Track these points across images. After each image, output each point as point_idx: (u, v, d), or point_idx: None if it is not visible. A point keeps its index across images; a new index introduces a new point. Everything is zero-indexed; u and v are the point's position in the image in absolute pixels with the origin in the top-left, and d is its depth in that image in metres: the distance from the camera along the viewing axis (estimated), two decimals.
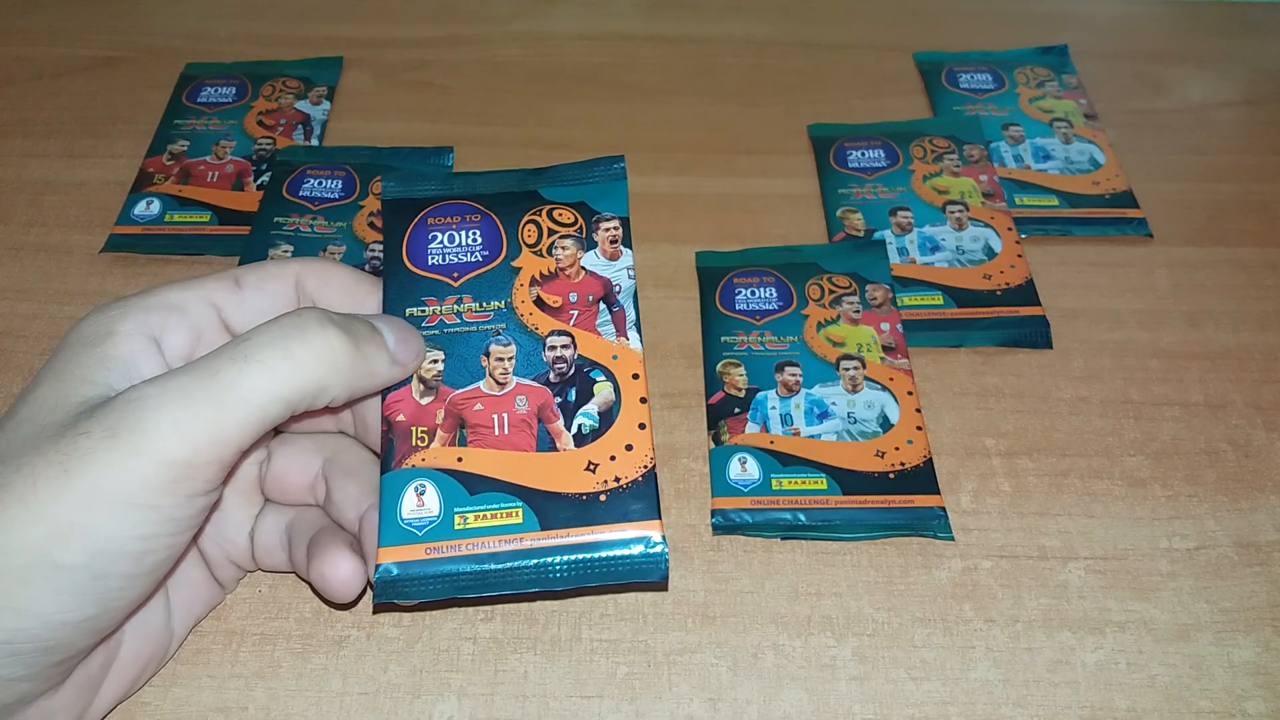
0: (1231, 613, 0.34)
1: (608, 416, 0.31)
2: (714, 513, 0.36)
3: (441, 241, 0.34)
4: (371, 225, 0.44)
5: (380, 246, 0.43)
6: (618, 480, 0.30)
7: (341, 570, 0.29)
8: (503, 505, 0.30)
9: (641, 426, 0.31)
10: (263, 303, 0.30)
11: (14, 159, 0.49)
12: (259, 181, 0.47)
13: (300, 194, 0.45)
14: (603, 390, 0.31)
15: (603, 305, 0.33)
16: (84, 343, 0.27)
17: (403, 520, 0.29)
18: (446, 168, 0.47)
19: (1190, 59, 0.56)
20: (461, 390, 0.31)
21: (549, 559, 0.29)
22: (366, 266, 0.42)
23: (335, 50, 0.55)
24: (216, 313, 0.30)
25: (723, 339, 0.40)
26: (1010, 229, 0.45)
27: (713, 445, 0.37)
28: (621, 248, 0.34)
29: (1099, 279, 0.45)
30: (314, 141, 0.49)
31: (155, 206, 0.46)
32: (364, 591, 0.32)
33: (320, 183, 0.46)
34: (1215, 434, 0.39)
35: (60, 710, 0.27)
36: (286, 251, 0.43)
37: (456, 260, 0.33)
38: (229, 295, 0.30)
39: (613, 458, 0.30)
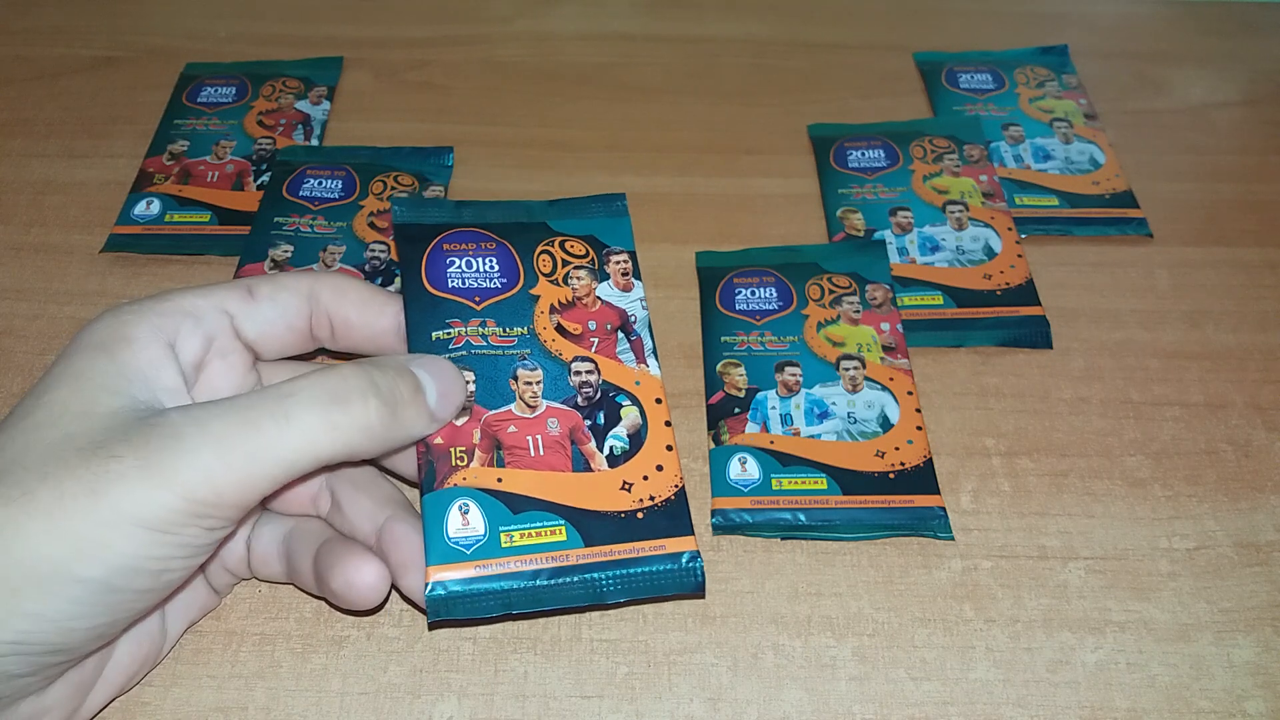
0: (1231, 613, 0.34)
1: (637, 439, 0.32)
2: (714, 513, 0.36)
3: (459, 266, 0.34)
4: (371, 225, 0.44)
5: (381, 246, 0.43)
6: (652, 499, 0.31)
7: (368, 576, 0.29)
8: (546, 524, 0.30)
9: (669, 448, 0.32)
10: (274, 314, 0.30)
11: (14, 159, 0.49)
12: (259, 181, 0.47)
13: (300, 194, 0.45)
14: (630, 414, 0.33)
15: (621, 334, 0.34)
16: (100, 348, 0.27)
17: (449, 539, 0.30)
18: (447, 168, 0.47)
19: (1190, 59, 0.56)
20: (494, 411, 0.32)
21: (596, 574, 0.30)
22: (366, 267, 0.42)
23: (335, 50, 0.55)
24: (229, 320, 0.30)
25: (723, 339, 0.40)
26: (1010, 229, 0.45)
27: (713, 445, 0.37)
28: (633, 280, 0.35)
29: (1099, 279, 0.45)
30: (314, 141, 0.49)
31: (155, 206, 0.46)
32: (386, 598, 0.32)
33: (320, 183, 0.46)
34: (1215, 434, 0.39)
35: (51, 709, 0.27)
36: (286, 252, 0.43)
37: (476, 285, 0.34)
38: (242, 304, 0.30)
39: (645, 478, 0.32)
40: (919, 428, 0.37)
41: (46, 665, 0.25)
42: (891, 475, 0.36)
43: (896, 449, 0.37)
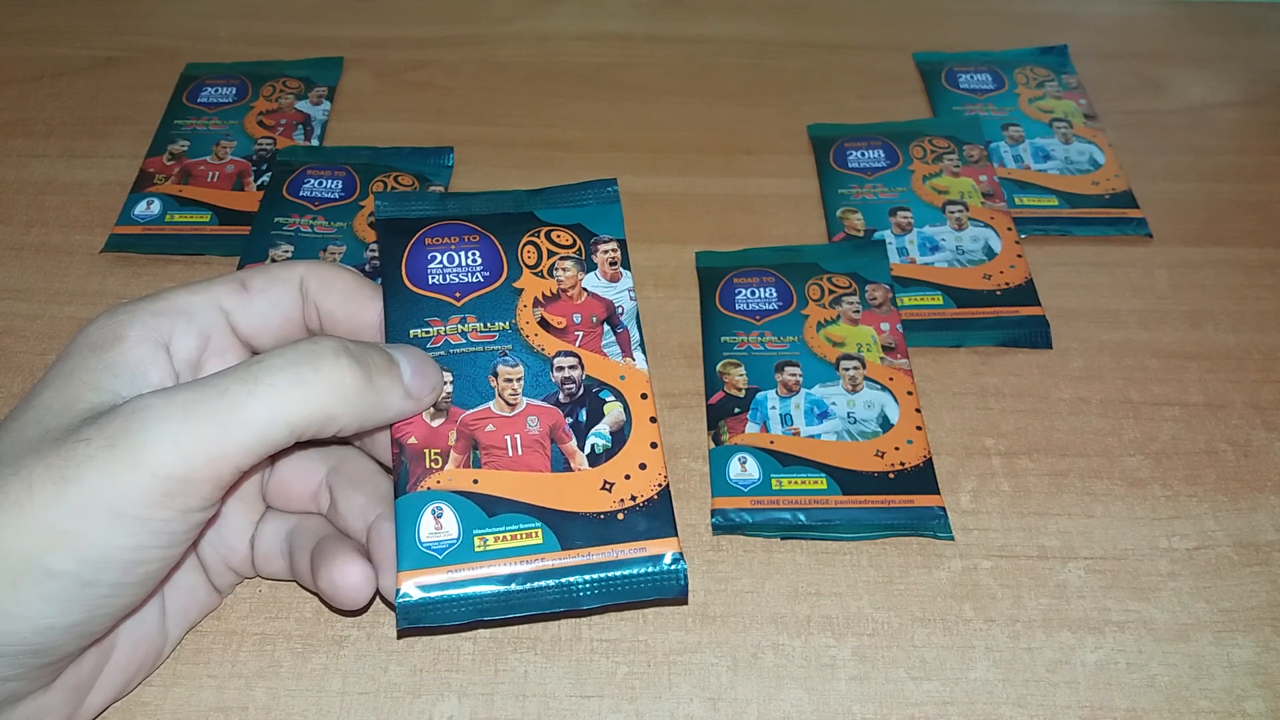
0: (1231, 613, 0.34)
1: (620, 436, 0.31)
2: (714, 513, 0.36)
3: (441, 261, 0.34)
4: (372, 225, 0.44)
5: None
6: (634, 499, 0.30)
7: (352, 576, 0.29)
8: (522, 526, 0.30)
9: (653, 445, 0.31)
10: (269, 306, 0.30)
11: (14, 159, 0.49)
12: (259, 181, 0.47)
13: (300, 194, 0.45)
14: (613, 410, 0.32)
15: (607, 326, 0.33)
16: (92, 347, 0.27)
17: (421, 543, 0.29)
18: (447, 168, 0.47)
19: (1190, 59, 0.56)
20: (472, 411, 0.31)
21: (571, 579, 0.29)
22: (367, 267, 0.42)
23: (335, 50, 0.55)
24: (224, 316, 0.29)
25: (723, 339, 0.40)
26: (1010, 229, 0.45)
27: (713, 445, 0.37)
28: (621, 270, 0.34)
29: (1099, 279, 0.45)
30: (314, 141, 0.49)
31: (156, 206, 0.46)
32: (373, 599, 0.32)
33: (320, 183, 0.46)
34: (1215, 434, 0.39)
35: (50, 710, 0.27)
36: (287, 252, 0.43)
37: (458, 280, 0.33)
38: (236, 298, 0.30)
39: (627, 476, 0.31)
40: (919, 428, 0.37)
41: (32, 667, 0.25)
42: (891, 475, 0.36)
43: (896, 449, 0.37)
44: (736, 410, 0.38)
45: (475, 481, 0.30)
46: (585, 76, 0.54)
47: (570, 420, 0.31)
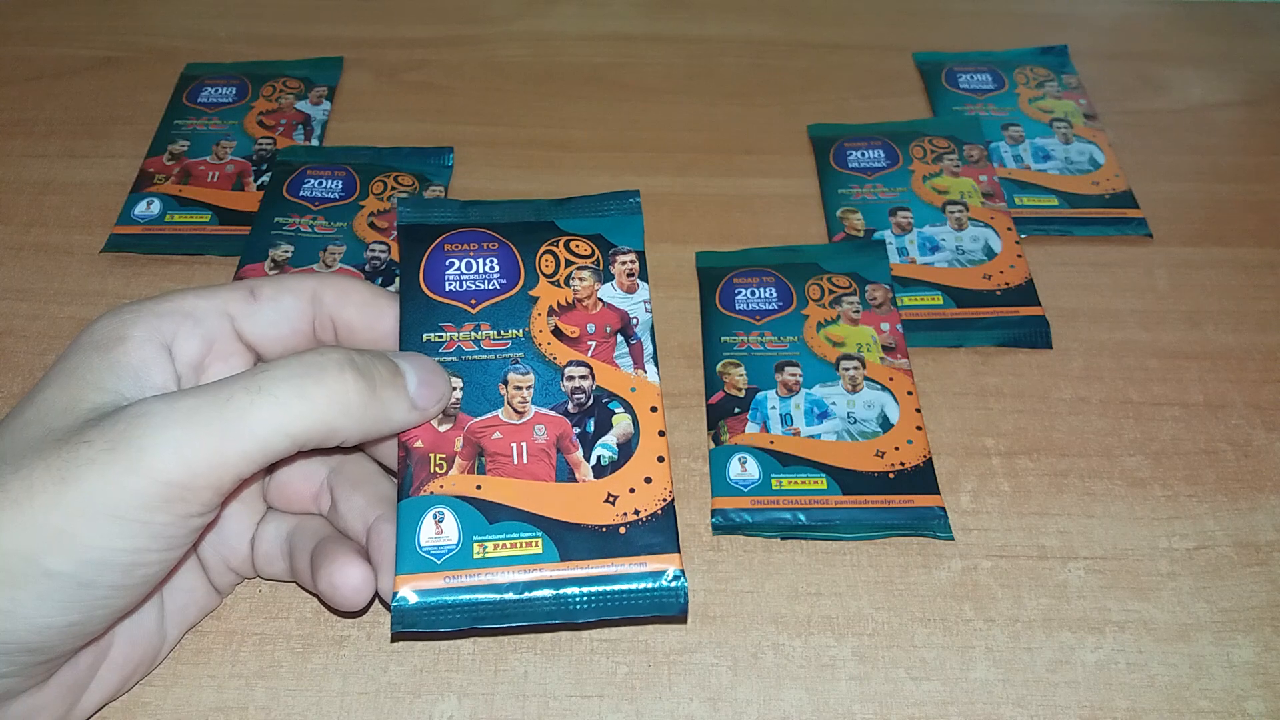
0: (1231, 613, 0.34)
1: (626, 449, 0.31)
2: (714, 513, 0.36)
3: (459, 268, 0.34)
4: (372, 225, 0.44)
5: (381, 246, 0.43)
6: (637, 513, 0.30)
7: (352, 578, 0.29)
8: (522, 535, 0.29)
9: (660, 459, 0.31)
10: (277, 315, 0.30)
11: (14, 159, 0.49)
12: (259, 182, 0.47)
13: (300, 194, 0.45)
14: (621, 422, 0.32)
15: (620, 337, 0.33)
16: (95, 346, 0.27)
17: (421, 548, 0.29)
18: (447, 168, 0.47)
19: (1190, 59, 0.56)
20: (480, 418, 0.31)
21: (568, 590, 0.29)
22: (366, 267, 0.42)
23: (335, 50, 0.55)
24: (230, 322, 0.29)
25: (723, 339, 0.40)
26: (1010, 229, 0.45)
27: (713, 445, 0.37)
28: (638, 281, 0.34)
29: (1099, 279, 0.45)
30: (314, 141, 0.49)
31: (156, 206, 0.46)
32: (373, 600, 0.32)
33: (320, 183, 0.46)
34: (1215, 434, 0.39)
35: (45, 708, 0.27)
36: (287, 252, 0.43)
37: (474, 287, 0.33)
38: (243, 305, 0.30)
39: (632, 490, 0.30)
40: (919, 428, 0.37)
41: (27, 665, 0.25)
42: (891, 475, 0.36)
43: (896, 449, 0.37)
44: (736, 410, 0.38)
45: (478, 487, 0.30)
46: (585, 76, 0.54)
47: (578, 430, 0.31)
